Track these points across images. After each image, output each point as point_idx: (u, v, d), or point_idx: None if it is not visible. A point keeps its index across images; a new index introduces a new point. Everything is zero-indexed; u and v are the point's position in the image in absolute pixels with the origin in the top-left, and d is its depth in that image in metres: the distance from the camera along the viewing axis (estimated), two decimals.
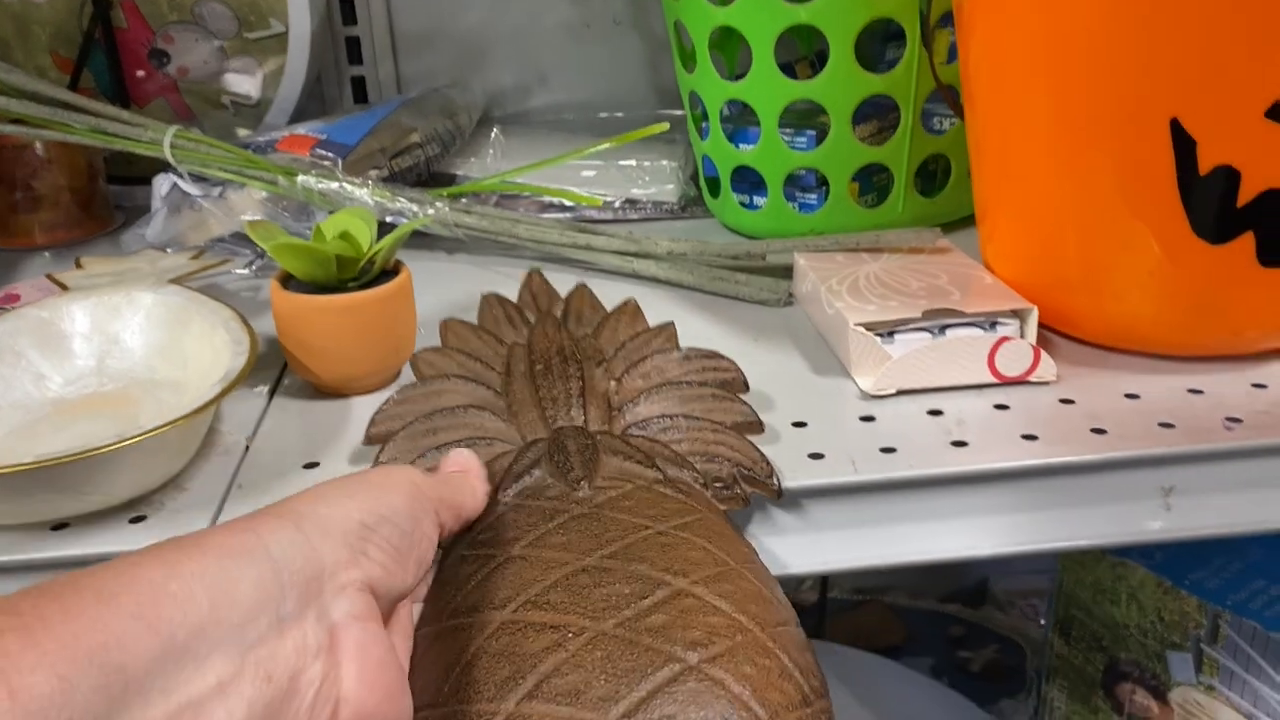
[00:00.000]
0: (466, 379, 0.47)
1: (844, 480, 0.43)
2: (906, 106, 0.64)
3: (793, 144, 0.66)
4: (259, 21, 0.81)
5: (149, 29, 0.82)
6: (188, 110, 0.84)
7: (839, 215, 0.67)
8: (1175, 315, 0.49)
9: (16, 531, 0.43)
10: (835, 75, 0.62)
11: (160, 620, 0.25)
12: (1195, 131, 0.44)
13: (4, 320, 0.52)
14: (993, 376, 0.48)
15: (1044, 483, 0.44)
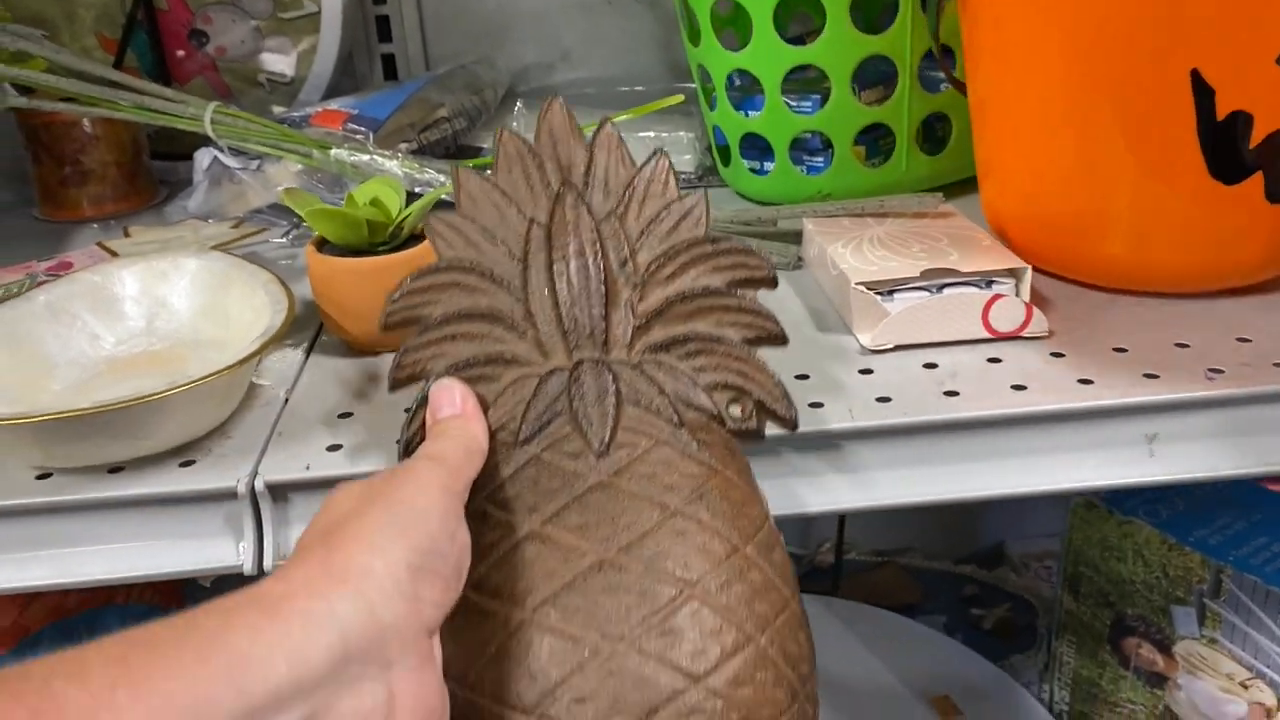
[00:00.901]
0: (484, 274, 0.44)
1: (841, 427, 0.45)
2: (904, 66, 0.66)
3: (797, 109, 0.69)
4: (293, 2, 0.84)
5: (188, 10, 0.85)
6: (226, 88, 0.88)
7: (845, 176, 0.69)
8: (1189, 253, 0.53)
9: (77, 474, 0.46)
10: (832, 38, 0.65)
11: (245, 683, 0.28)
12: (1214, 80, 0.48)
13: (60, 285, 0.56)
14: (987, 332, 0.51)
15: (1032, 430, 0.46)
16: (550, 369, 0.42)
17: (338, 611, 0.31)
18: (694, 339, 0.42)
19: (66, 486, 0.46)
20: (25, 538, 0.46)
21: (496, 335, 0.43)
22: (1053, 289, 0.57)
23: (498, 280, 0.44)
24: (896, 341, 0.51)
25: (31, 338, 0.53)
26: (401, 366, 0.43)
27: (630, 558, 0.37)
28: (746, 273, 0.44)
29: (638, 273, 0.44)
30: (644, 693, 0.35)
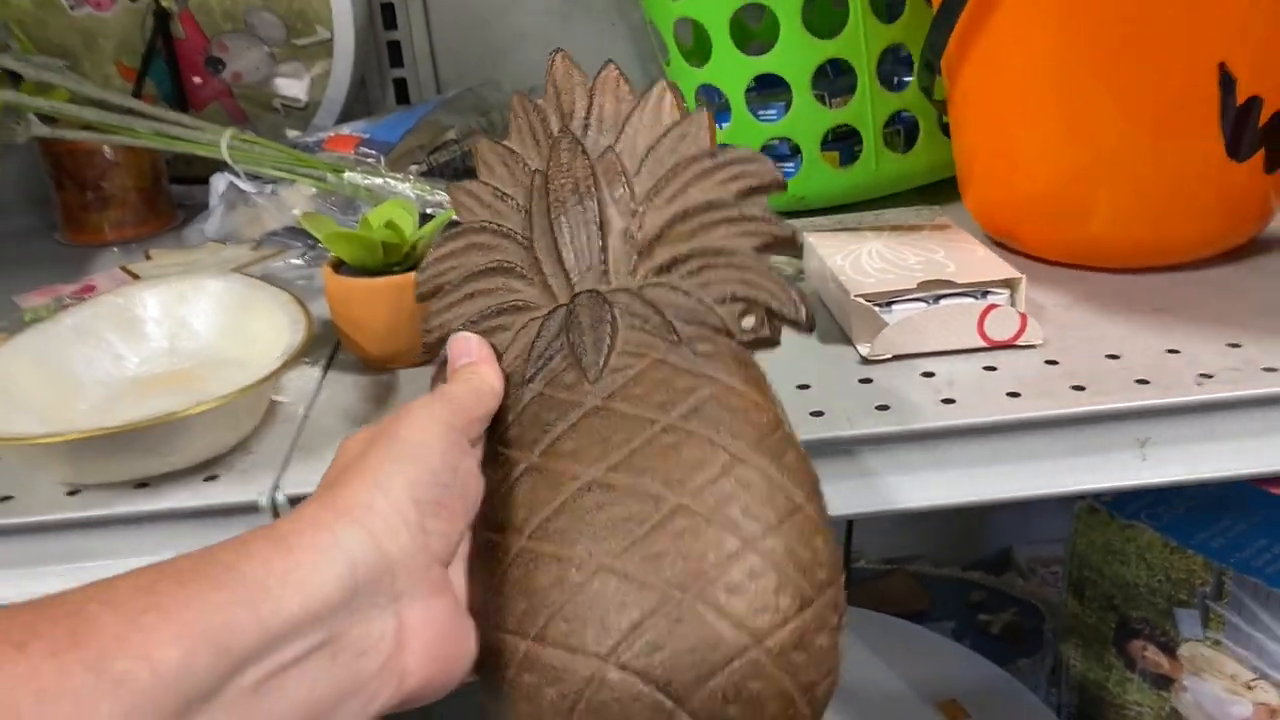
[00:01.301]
0: (495, 231, 0.46)
1: (841, 434, 0.47)
2: (861, 67, 0.68)
3: (763, 117, 0.71)
4: (306, 29, 0.87)
5: (205, 38, 0.87)
6: (242, 113, 0.90)
7: (815, 180, 0.72)
8: (1203, 225, 0.60)
9: (105, 489, 0.48)
10: (787, 45, 0.68)
11: (262, 611, 0.30)
12: (1237, 70, 0.53)
13: (85, 307, 0.58)
14: (982, 341, 0.52)
15: (1026, 436, 0.48)
16: (554, 308, 0.43)
17: (344, 544, 0.33)
18: (696, 255, 0.42)
19: (95, 502, 0.48)
20: (57, 552, 0.48)
21: (509, 286, 0.44)
22: (1047, 297, 0.58)
23: (508, 234, 0.45)
24: (894, 351, 0.52)
25: (59, 359, 0.55)
26: (429, 331, 0.45)
27: (619, 476, 0.37)
28: (750, 180, 0.42)
29: (635, 200, 0.44)
30: (629, 611, 0.34)
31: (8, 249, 0.85)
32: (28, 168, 0.91)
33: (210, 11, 0.86)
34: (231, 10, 0.86)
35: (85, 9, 0.86)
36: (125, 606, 0.28)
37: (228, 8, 0.86)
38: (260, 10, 0.86)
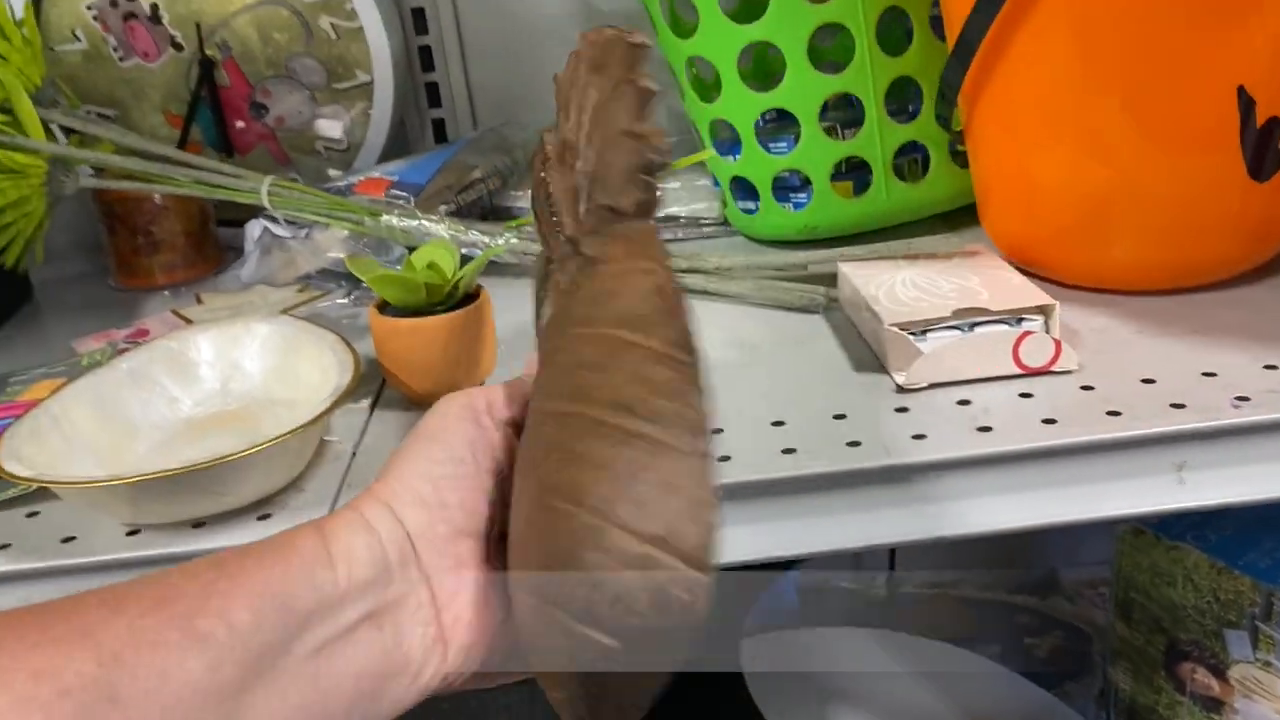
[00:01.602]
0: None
1: (879, 464, 0.48)
2: (869, 100, 0.70)
3: (774, 150, 0.73)
4: (346, 73, 0.89)
5: (248, 84, 0.90)
6: (285, 156, 0.92)
7: (826, 210, 0.73)
8: (1228, 245, 0.60)
9: (163, 529, 0.50)
10: (794, 81, 0.69)
11: (315, 579, 0.35)
12: (1255, 93, 0.55)
13: (141, 352, 0.60)
14: (1017, 367, 0.53)
15: (1063, 462, 0.48)
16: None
17: (371, 522, 0.37)
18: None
19: (154, 542, 0.49)
20: None
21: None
22: (1080, 322, 0.59)
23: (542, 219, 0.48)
24: (930, 380, 0.53)
25: (116, 403, 0.57)
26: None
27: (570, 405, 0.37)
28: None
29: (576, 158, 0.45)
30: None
31: (63, 294, 0.88)
32: (80, 215, 0.94)
33: (253, 59, 0.89)
34: (274, 57, 0.89)
35: (133, 60, 0.89)
36: (201, 578, 0.34)
37: (270, 55, 0.88)
38: (302, 56, 0.88)
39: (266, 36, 0.88)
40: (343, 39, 0.88)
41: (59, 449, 0.52)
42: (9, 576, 0.49)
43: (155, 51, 0.89)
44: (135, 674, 0.30)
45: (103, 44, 0.88)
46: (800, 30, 0.68)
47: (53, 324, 0.82)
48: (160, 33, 0.88)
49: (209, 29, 0.88)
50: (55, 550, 0.49)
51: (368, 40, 0.87)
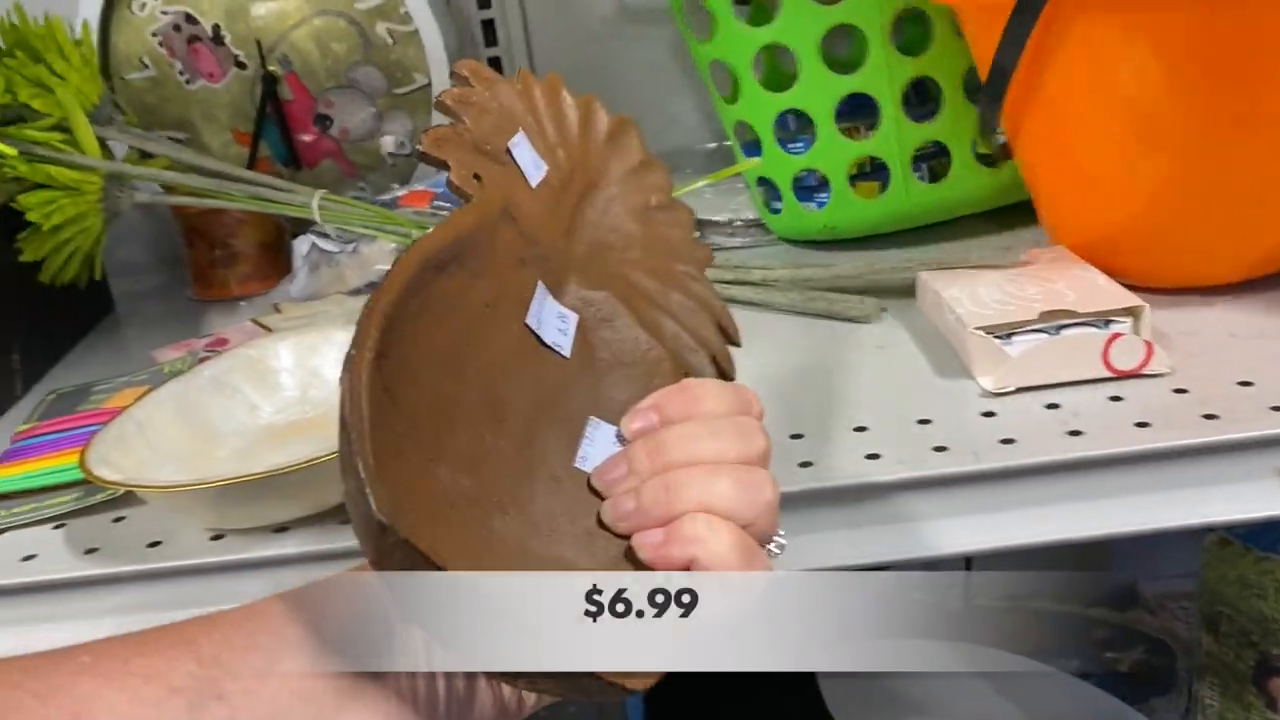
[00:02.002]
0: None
1: (966, 470, 0.47)
2: (885, 100, 0.69)
3: (790, 150, 0.73)
4: (405, 78, 0.90)
5: (311, 97, 0.91)
6: (352, 168, 0.93)
7: (845, 210, 0.73)
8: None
9: (246, 534, 0.50)
10: (808, 81, 0.69)
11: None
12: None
13: (222, 360, 0.60)
14: (1107, 370, 0.51)
15: (1158, 467, 0.47)
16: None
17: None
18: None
19: (237, 546, 0.50)
20: (203, 595, 0.50)
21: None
22: (1169, 324, 0.57)
23: None
24: (1018, 384, 0.52)
25: (198, 410, 0.58)
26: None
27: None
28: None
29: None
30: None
31: (144, 306, 0.90)
32: (158, 230, 0.96)
33: (314, 72, 0.90)
34: (334, 68, 0.90)
35: (200, 82, 0.91)
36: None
37: (330, 66, 0.90)
38: (361, 65, 0.89)
39: (325, 48, 0.89)
40: (399, 43, 0.89)
41: (144, 455, 0.53)
42: (99, 580, 0.50)
43: (220, 72, 0.91)
44: (237, 674, 0.31)
45: (169, 69, 0.90)
46: (812, 32, 0.68)
47: (133, 334, 0.84)
48: (223, 53, 0.90)
49: (269, 45, 0.89)
50: (142, 554, 0.50)
51: (424, 43, 0.88)
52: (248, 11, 0.88)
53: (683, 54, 0.97)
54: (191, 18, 0.89)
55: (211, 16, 0.89)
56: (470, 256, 0.36)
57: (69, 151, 0.73)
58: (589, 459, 0.37)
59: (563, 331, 0.39)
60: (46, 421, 0.64)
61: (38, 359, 0.75)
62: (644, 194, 0.44)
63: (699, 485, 0.33)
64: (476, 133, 0.39)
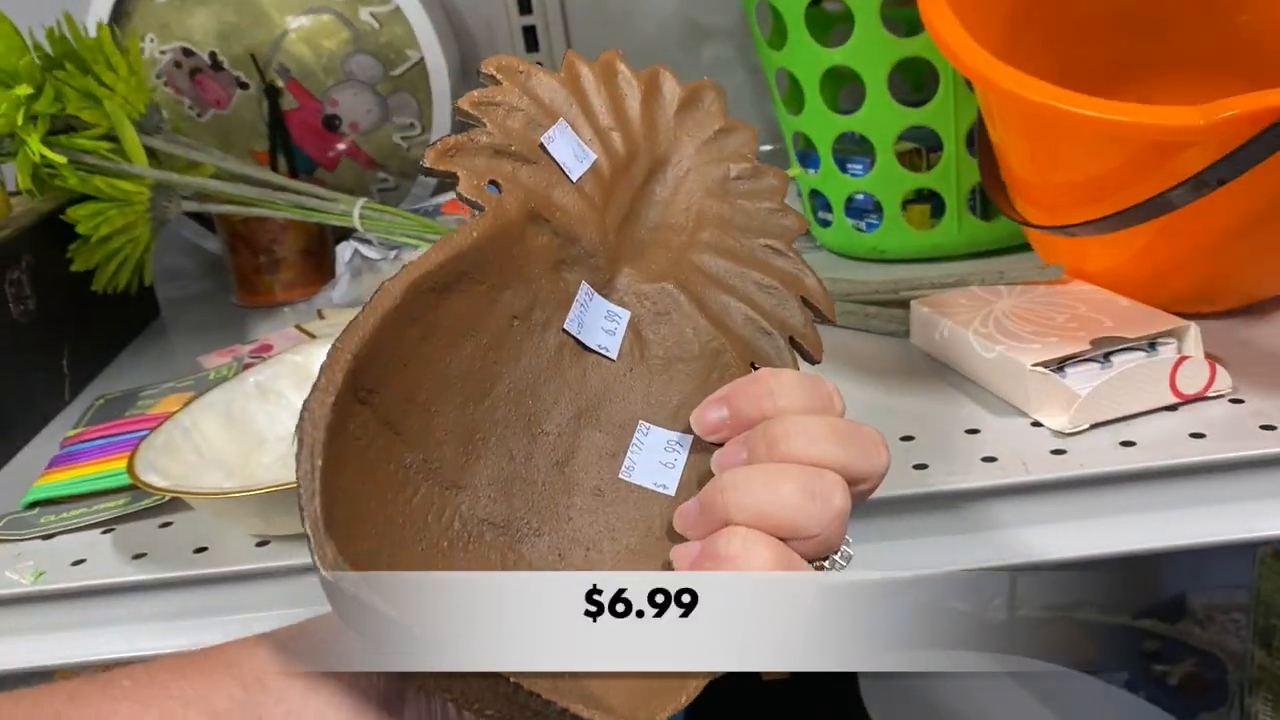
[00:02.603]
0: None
1: (1016, 481, 0.46)
2: (949, 136, 0.68)
3: (849, 171, 0.72)
4: (398, 58, 0.90)
5: (315, 100, 0.92)
6: (370, 160, 0.94)
7: (895, 236, 0.72)
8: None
9: (292, 541, 0.50)
10: (873, 109, 0.68)
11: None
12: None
13: (267, 366, 0.61)
14: (1175, 397, 0.49)
15: (1215, 479, 0.46)
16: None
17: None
18: None
19: (282, 553, 0.50)
20: (248, 600, 0.50)
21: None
22: (1222, 335, 0.56)
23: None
24: (1091, 422, 0.49)
25: (245, 416, 0.58)
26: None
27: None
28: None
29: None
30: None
31: (189, 313, 0.90)
32: (205, 240, 0.96)
33: (312, 74, 0.90)
34: (330, 65, 0.90)
35: (210, 112, 0.92)
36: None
37: (326, 64, 0.90)
38: (354, 55, 0.90)
39: (317, 47, 0.90)
40: (385, 25, 0.89)
41: (191, 461, 0.53)
42: (146, 586, 0.50)
43: (226, 97, 0.92)
44: (280, 697, 0.31)
45: (179, 106, 0.91)
46: (882, 60, 0.67)
47: (179, 340, 0.85)
48: (225, 78, 0.91)
49: (264, 59, 0.90)
50: (188, 560, 0.50)
51: (408, 18, 0.88)
52: (238, 31, 0.90)
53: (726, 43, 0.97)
54: (189, 50, 0.90)
55: (205, 45, 0.90)
56: (488, 270, 0.35)
57: (117, 161, 0.74)
58: (635, 468, 0.36)
59: (611, 332, 0.37)
60: (94, 427, 0.65)
61: (86, 364, 0.76)
62: (723, 164, 0.41)
63: (760, 490, 0.31)
64: (500, 135, 0.37)
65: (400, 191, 0.95)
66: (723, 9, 0.95)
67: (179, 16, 0.90)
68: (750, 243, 0.40)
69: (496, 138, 0.37)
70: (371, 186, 0.95)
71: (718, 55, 0.97)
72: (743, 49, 0.96)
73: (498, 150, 0.37)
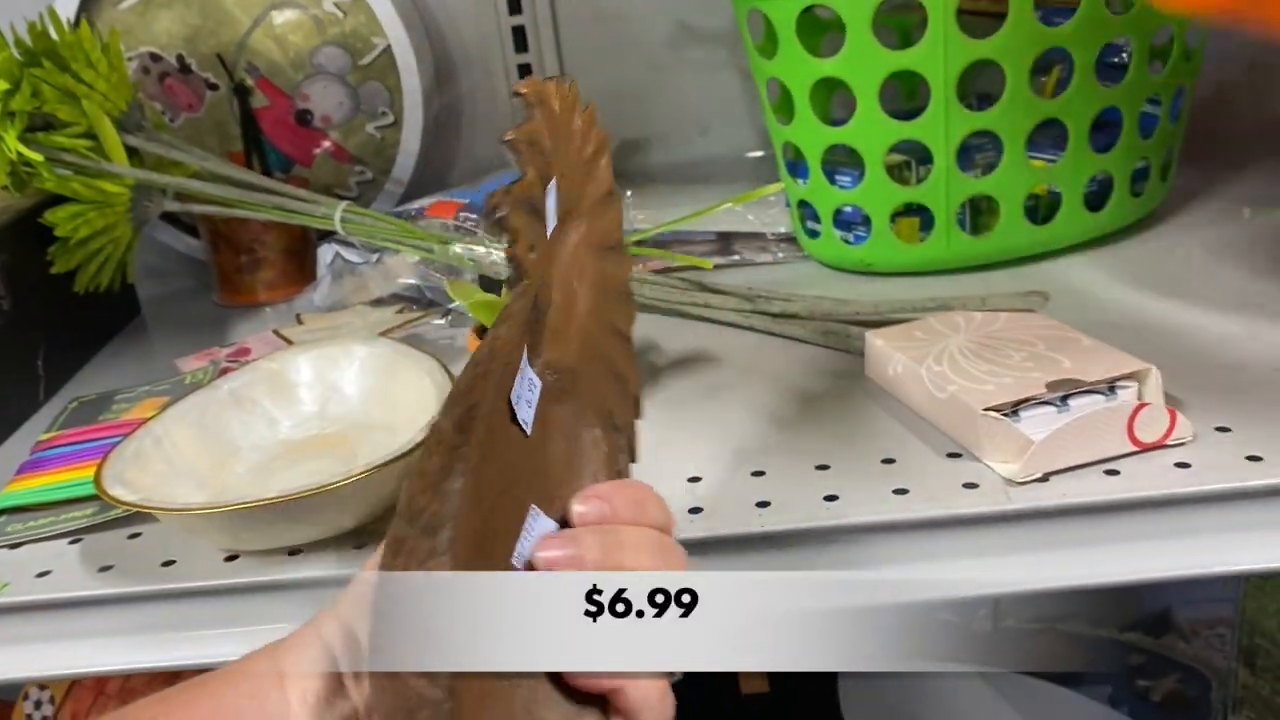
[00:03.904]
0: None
1: (997, 509, 0.45)
2: (939, 151, 0.67)
3: (838, 182, 0.71)
4: (364, 46, 0.89)
5: (286, 96, 0.91)
6: (346, 154, 0.93)
7: (883, 250, 0.71)
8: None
9: (260, 555, 0.49)
10: (863, 122, 0.67)
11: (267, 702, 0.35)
12: None
13: (242, 373, 0.60)
14: (1133, 445, 0.47)
15: (1200, 510, 0.45)
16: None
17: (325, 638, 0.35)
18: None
19: (251, 568, 0.49)
20: (215, 616, 0.49)
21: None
22: (1215, 356, 0.55)
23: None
24: (1045, 470, 0.47)
25: (218, 424, 0.57)
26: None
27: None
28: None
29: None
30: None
31: (169, 311, 0.89)
32: (188, 236, 0.95)
33: (281, 70, 0.90)
34: (298, 60, 0.89)
35: (182, 116, 0.91)
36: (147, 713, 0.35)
37: (294, 59, 0.89)
38: (320, 47, 0.89)
39: (284, 42, 0.89)
40: (349, 14, 0.88)
41: (161, 471, 0.52)
42: (112, 599, 0.49)
43: (197, 100, 0.91)
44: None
45: (151, 112, 0.90)
46: (873, 73, 0.65)
47: (158, 340, 0.84)
48: (194, 80, 0.90)
49: (231, 59, 0.89)
50: (156, 574, 0.50)
51: (370, 4, 0.87)
52: (203, 32, 0.89)
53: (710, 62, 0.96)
54: (156, 55, 0.89)
55: (172, 49, 0.89)
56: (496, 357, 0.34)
57: (97, 160, 0.73)
58: (522, 555, 0.34)
59: (530, 404, 0.36)
60: (67, 431, 0.64)
61: (62, 364, 0.75)
62: (607, 231, 0.40)
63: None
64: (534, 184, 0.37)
65: (377, 184, 0.94)
66: (713, 11, 0.93)
67: (143, 22, 0.89)
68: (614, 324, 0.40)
69: (535, 188, 0.37)
70: (350, 179, 0.94)
71: (708, 57, 0.96)
72: (735, 51, 0.95)
73: (533, 205, 0.37)
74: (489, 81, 0.96)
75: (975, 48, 0.64)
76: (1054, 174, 0.69)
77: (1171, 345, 0.57)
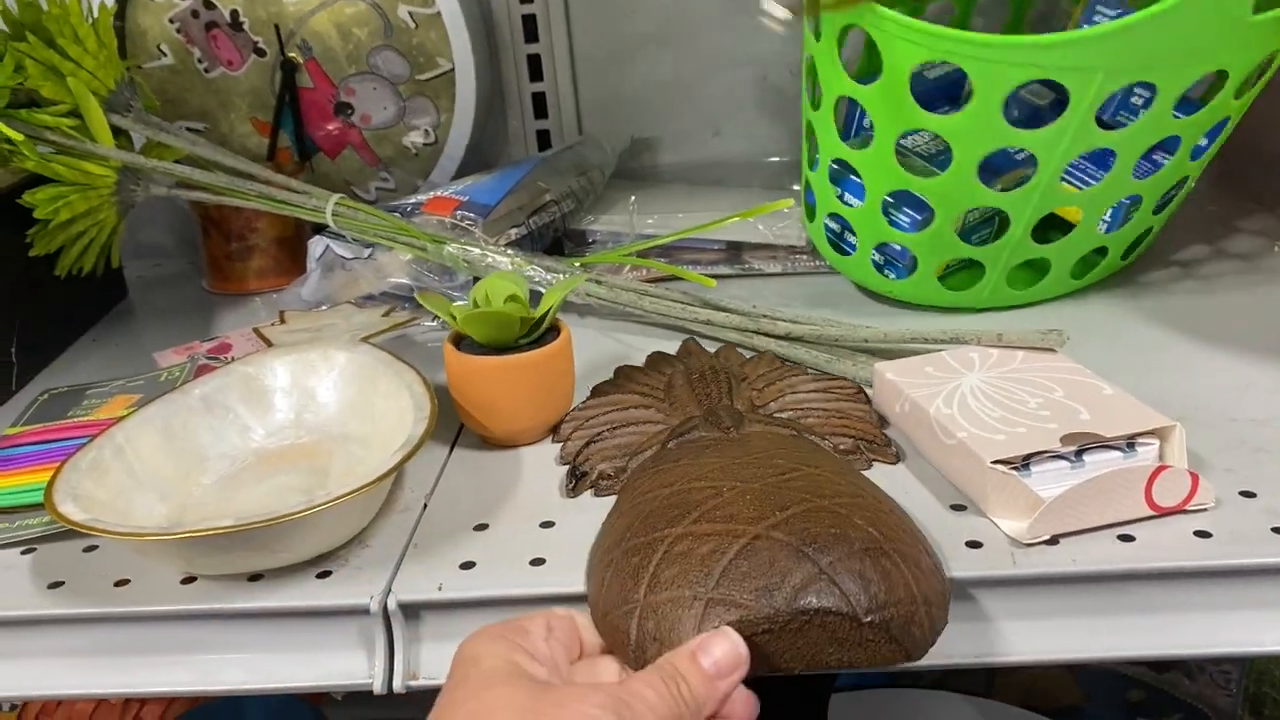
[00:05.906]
0: (633, 391, 0.58)
1: (1003, 574, 0.42)
2: (1020, 222, 0.62)
3: (893, 220, 0.66)
4: (427, 62, 0.86)
5: (332, 84, 0.87)
6: (375, 158, 0.89)
7: (921, 290, 0.68)
8: None
9: (220, 580, 0.47)
10: (953, 182, 0.61)
11: None
12: None
13: (215, 378, 0.57)
14: (1150, 510, 0.44)
15: (1220, 584, 0.42)
16: (692, 415, 0.54)
17: None
18: (803, 407, 0.55)
19: (209, 593, 0.46)
20: (169, 642, 0.47)
21: (644, 415, 0.56)
22: (1239, 410, 0.52)
23: (646, 393, 0.58)
24: (1054, 531, 0.44)
25: (186, 431, 0.55)
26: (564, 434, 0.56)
27: (757, 459, 0.46)
28: (845, 393, 0.56)
29: (755, 387, 0.57)
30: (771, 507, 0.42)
31: (157, 296, 0.87)
32: (182, 214, 0.92)
33: (335, 58, 0.86)
34: (355, 54, 0.86)
35: (219, 70, 0.87)
36: None
37: (351, 51, 0.86)
38: (383, 49, 0.85)
39: (346, 33, 0.85)
40: (421, 27, 0.85)
41: (121, 483, 0.50)
42: (60, 620, 0.46)
43: (239, 59, 0.87)
44: None
45: (188, 57, 0.87)
46: (985, 144, 0.59)
47: (142, 325, 0.81)
48: (243, 39, 0.86)
49: (288, 31, 0.86)
50: (107, 594, 0.47)
51: (446, 25, 0.84)
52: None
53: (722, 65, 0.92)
54: (209, 3, 0.85)
55: (230, 2, 0.85)
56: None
57: (81, 140, 0.70)
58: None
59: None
60: (33, 428, 0.61)
61: (38, 351, 0.72)
62: None
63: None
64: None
65: (399, 195, 0.90)
66: (729, 5, 0.90)
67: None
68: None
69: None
70: (371, 183, 0.91)
71: (718, 46, 0.92)
72: (744, 40, 0.91)
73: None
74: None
75: (1102, 138, 0.59)
76: (1111, 238, 0.66)
77: (1195, 392, 0.54)
